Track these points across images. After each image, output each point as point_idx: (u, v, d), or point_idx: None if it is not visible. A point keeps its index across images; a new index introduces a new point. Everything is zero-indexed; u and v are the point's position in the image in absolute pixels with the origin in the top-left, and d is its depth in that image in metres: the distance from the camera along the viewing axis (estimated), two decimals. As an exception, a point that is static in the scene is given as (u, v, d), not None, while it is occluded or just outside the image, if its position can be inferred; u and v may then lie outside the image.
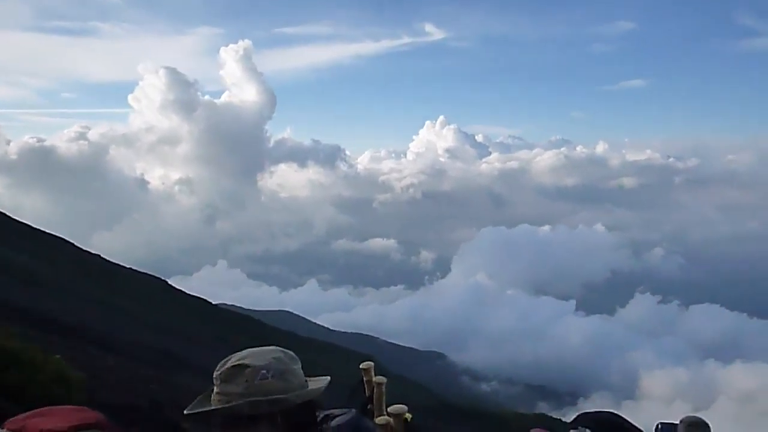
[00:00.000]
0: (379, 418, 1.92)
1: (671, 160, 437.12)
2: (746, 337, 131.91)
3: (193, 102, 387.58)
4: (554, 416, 47.91)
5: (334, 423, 1.96)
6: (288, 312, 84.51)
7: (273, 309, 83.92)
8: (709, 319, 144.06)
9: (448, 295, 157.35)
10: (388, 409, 1.99)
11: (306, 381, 1.80)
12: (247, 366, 1.71)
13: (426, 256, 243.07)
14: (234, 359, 1.75)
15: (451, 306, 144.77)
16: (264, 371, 1.70)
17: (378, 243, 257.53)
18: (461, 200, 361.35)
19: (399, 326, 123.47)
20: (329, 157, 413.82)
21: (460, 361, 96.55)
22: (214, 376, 1.74)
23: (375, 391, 2.17)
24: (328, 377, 1.87)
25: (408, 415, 2.01)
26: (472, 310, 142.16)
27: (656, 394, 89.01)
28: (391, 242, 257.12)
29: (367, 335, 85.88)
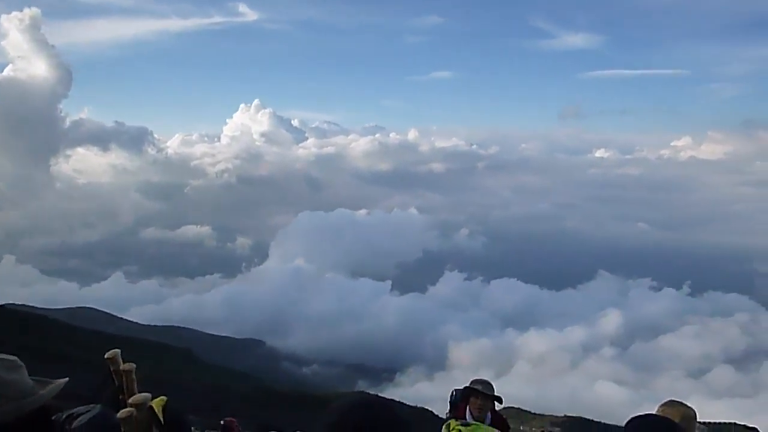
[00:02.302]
0: (121, 411, 1.67)
1: (474, 147, 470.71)
2: (539, 307, 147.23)
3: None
4: (373, 393, 49.52)
5: (75, 423, 1.81)
6: (91, 308, 78.57)
7: (72, 306, 77.45)
8: (508, 292, 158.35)
9: (267, 282, 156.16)
10: (129, 400, 1.72)
11: (34, 387, 1.64)
12: None
13: (242, 242, 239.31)
14: None
15: (270, 292, 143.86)
16: None
17: (191, 230, 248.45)
18: (278, 185, 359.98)
19: (216, 316, 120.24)
20: (135, 140, 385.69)
21: (282, 346, 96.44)
22: None
23: (125, 380, 1.87)
24: (66, 378, 1.73)
25: (161, 401, 1.77)
26: (291, 296, 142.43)
27: (464, 364, 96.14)
28: (206, 229, 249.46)
29: (182, 327, 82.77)
